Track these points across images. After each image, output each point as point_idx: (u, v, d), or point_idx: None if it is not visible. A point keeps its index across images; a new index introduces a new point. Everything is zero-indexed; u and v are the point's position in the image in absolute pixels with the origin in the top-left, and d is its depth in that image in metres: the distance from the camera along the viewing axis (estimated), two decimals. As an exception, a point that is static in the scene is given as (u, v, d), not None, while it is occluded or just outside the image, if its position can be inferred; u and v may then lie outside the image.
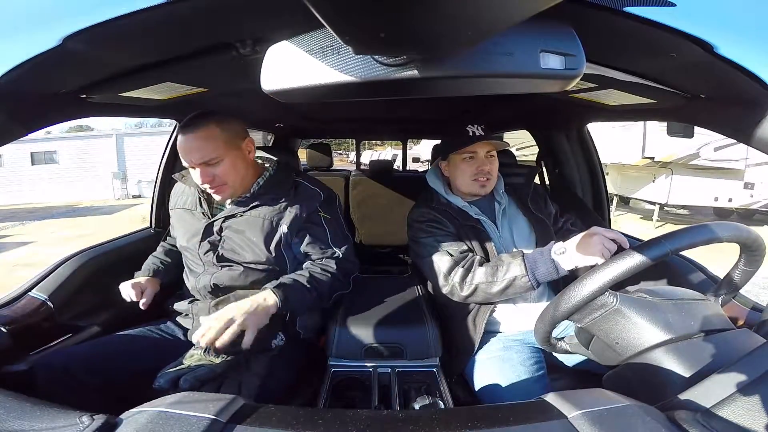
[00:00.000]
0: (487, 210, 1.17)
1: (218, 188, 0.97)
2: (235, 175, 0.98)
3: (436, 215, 1.13)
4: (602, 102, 0.98)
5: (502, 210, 1.17)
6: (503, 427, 0.46)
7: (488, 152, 1.13)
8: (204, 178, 0.94)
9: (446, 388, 0.90)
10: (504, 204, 1.18)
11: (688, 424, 0.44)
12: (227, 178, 0.97)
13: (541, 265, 0.92)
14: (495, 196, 1.19)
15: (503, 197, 1.19)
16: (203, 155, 0.93)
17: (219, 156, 0.94)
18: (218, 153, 0.94)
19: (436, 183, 1.22)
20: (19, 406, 0.46)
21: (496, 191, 1.19)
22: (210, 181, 0.95)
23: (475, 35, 0.37)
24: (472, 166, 1.13)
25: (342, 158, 22.20)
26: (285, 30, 0.47)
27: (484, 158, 1.13)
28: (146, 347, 0.98)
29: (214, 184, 0.96)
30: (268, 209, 1.02)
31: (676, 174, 6.39)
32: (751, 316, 0.91)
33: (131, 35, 0.53)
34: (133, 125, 24.36)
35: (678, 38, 0.49)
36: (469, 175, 1.13)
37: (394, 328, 1.01)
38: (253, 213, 1.02)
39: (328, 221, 1.09)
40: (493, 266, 0.97)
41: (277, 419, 0.47)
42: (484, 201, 1.18)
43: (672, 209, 7.94)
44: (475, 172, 1.12)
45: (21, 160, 14.01)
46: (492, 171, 1.14)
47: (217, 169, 0.95)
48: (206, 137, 0.93)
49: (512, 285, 0.94)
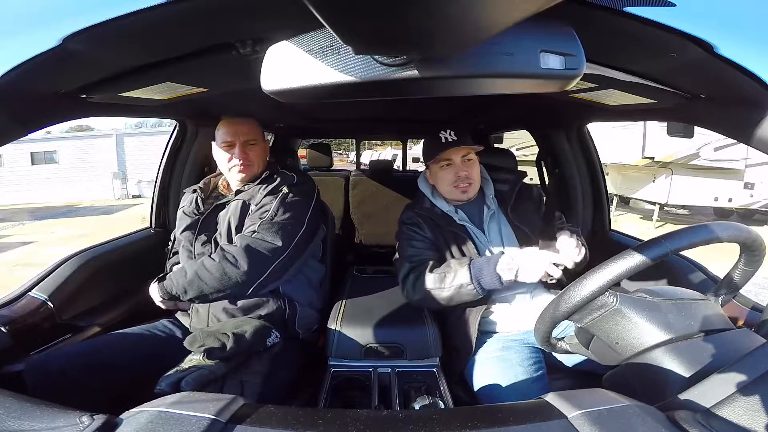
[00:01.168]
0: (474, 214, 1.15)
1: (247, 167, 1.13)
2: (261, 160, 1.17)
3: (417, 219, 1.14)
4: (602, 102, 0.98)
5: (491, 215, 1.15)
6: (503, 427, 0.46)
7: (464, 156, 1.11)
8: (241, 154, 1.11)
9: (446, 388, 0.90)
10: (493, 209, 1.16)
11: (688, 424, 0.44)
12: (256, 160, 1.15)
13: (486, 274, 0.94)
14: (485, 200, 1.17)
15: (493, 202, 1.17)
16: (248, 135, 1.13)
17: (256, 141, 1.15)
18: (257, 138, 1.16)
19: (424, 187, 1.21)
20: (19, 406, 0.46)
21: (485, 195, 1.17)
22: (245, 158, 1.12)
23: (475, 35, 0.37)
24: (450, 173, 1.11)
25: (342, 158, 22.17)
26: (285, 30, 0.47)
27: (461, 164, 1.11)
28: (146, 347, 0.99)
29: (246, 162, 1.12)
30: (247, 194, 1.13)
31: (676, 174, 6.39)
32: (751, 316, 0.91)
33: (131, 35, 0.53)
34: (133, 125, 24.32)
35: (678, 38, 0.49)
36: (448, 183, 1.12)
37: (394, 328, 1.01)
38: (236, 198, 1.13)
39: (283, 199, 1.08)
40: (442, 273, 1.00)
41: (277, 419, 0.47)
42: (471, 205, 1.17)
43: (672, 209, 7.94)
44: (454, 179, 1.11)
45: (21, 160, 14.01)
46: (471, 175, 1.11)
47: (252, 150, 1.14)
48: (251, 124, 1.16)
49: (459, 293, 0.97)
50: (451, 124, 1.18)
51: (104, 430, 0.43)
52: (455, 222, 1.12)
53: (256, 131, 1.16)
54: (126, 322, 1.05)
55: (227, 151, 1.12)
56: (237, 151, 1.11)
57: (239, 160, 1.11)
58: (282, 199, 1.09)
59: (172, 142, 1.52)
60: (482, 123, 2.05)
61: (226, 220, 1.10)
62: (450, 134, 1.09)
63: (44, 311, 0.98)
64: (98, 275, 1.16)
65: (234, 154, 1.11)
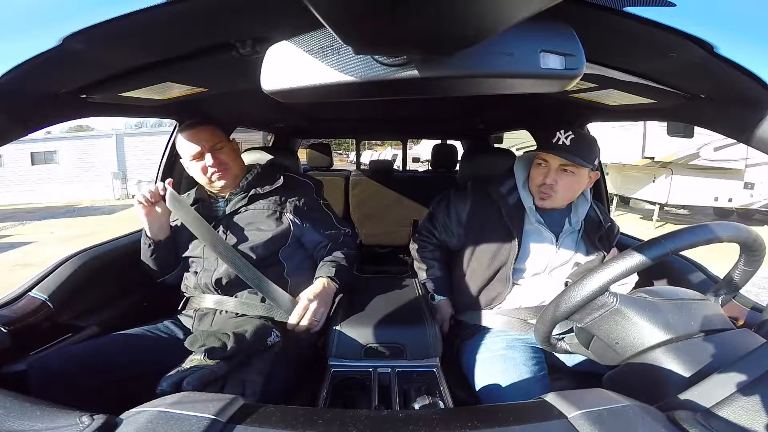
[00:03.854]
0: (555, 222, 1.09)
1: (223, 173, 1.10)
2: (235, 160, 1.14)
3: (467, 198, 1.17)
4: (602, 102, 0.98)
5: (570, 231, 1.09)
6: (503, 427, 0.46)
7: (562, 165, 1.02)
8: (213, 161, 1.08)
9: (446, 388, 0.90)
10: (576, 229, 1.10)
11: (688, 424, 0.44)
12: (230, 163, 1.12)
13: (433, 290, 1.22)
14: (570, 215, 1.10)
15: (580, 224, 1.10)
16: (212, 140, 1.09)
17: (222, 142, 1.12)
18: (222, 140, 1.12)
19: (519, 171, 1.13)
20: (19, 406, 0.46)
21: (574, 213, 1.10)
22: (217, 164, 1.08)
23: (475, 35, 0.37)
24: (540, 174, 1.05)
25: (342, 158, 22.18)
26: (285, 30, 0.47)
27: (554, 170, 1.02)
28: (146, 347, 0.98)
29: (220, 167, 1.09)
30: (269, 201, 1.13)
31: (676, 174, 6.39)
32: (751, 316, 0.91)
33: (131, 35, 0.53)
34: (133, 125, 24.34)
35: (678, 38, 0.49)
36: (536, 183, 1.07)
37: (394, 328, 1.01)
38: (256, 206, 1.12)
39: (327, 206, 1.25)
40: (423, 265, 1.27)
41: (277, 419, 0.47)
42: (558, 213, 1.10)
43: (672, 209, 7.94)
44: (541, 183, 1.04)
45: (21, 160, 14.00)
46: (557, 187, 1.03)
47: (222, 154, 1.10)
48: (209, 129, 1.11)
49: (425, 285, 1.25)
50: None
51: (104, 430, 0.43)
52: (529, 217, 1.08)
53: (219, 134, 1.12)
54: (126, 322, 1.04)
55: (198, 162, 1.09)
56: (209, 159, 1.07)
57: (214, 167, 1.08)
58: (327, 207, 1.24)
59: (172, 142, 1.52)
60: (482, 123, 2.05)
61: (247, 228, 1.09)
62: (566, 138, 0.99)
63: (44, 311, 0.97)
64: (98, 275, 1.16)
65: (207, 162, 1.07)
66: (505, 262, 1.07)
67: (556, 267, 1.08)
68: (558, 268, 1.08)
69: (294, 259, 1.14)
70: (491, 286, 1.10)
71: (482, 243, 1.11)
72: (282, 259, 1.11)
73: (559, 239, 1.07)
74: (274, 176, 1.18)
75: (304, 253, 1.19)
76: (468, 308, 1.15)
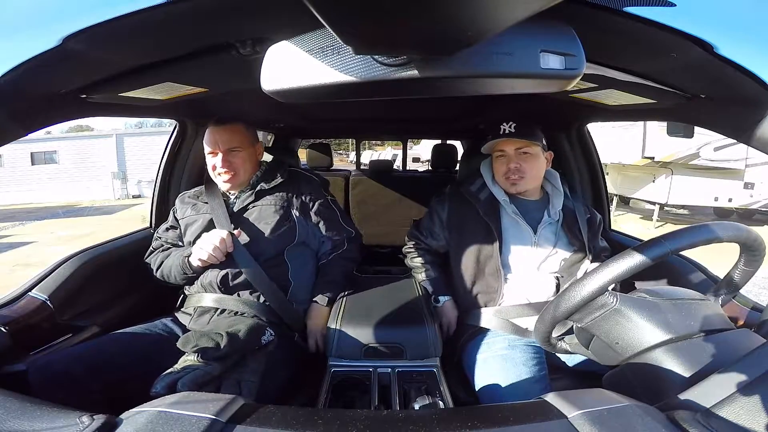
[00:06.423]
0: (532, 214, 1.13)
1: (230, 176, 1.13)
2: (245, 167, 1.16)
3: (445, 199, 1.23)
4: (602, 102, 0.98)
5: (548, 222, 1.13)
6: (503, 427, 0.46)
7: (519, 149, 1.11)
8: (224, 163, 1.11)
9: (446, 388, 0.90)
10: (555, 220, 1.13)
11: (688, 424, 0.44)
12: (239, 168, 1.14)
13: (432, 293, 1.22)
14: (548, 206, 1.14)
15: (558, 215, 1.13)
16: (230, 142, 1.12)
17: (240, 147, 1.14)
18: (241, 144, 1.14)
19: (485, 171, 1.22)
20: (19, 406, 0.46)
21: (551, 205, 1.14)
22: (227, 166, 1.12)
23: (475, 35, 0.37)
24: (503, 164, 1.13)
25: (342, 158, 22.18)
26: (285, 30, 0.47)
27: (513, 155, 1.11)
28: (146, 347, 0.98)
29: (229, 170, 1.12)
30: (276, 197, 1.16)
31: (676, 174, 6.39)
32: (751, 316, 0.91)
33: (131, 35, 0.53)
34: (133, 125, 24.34)
35: (678, 38, 0.49)
36: (501, 173, 1.14)
37: (394, 328, 1.01)
38: (263, 202, 1.15)
39: (334, 201, 1.28)
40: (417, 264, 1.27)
41: (277, 419, 0.47)
42: (533, 204, 1.16)
43: (672, 209, 7.94)
44: (506, 170, 1.12)
45: (21, 160, 14.01)
46: (523, 169, 1.10)
47: (235, 158, 1.13)
48: (234, 131, 1.14)
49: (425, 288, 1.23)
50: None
51: (104, 430, 0.43)
52: (507, 212, 1.13)
53: (241, 137, 1.15)
54: (126, 321, 1.04)
55: (212, 158, 1.14)
56: (219, 160, 1.12)
57: (223, 168, 1.12)
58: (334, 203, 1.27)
59: (172, 142, 1.52)
60: (482, 123, 2.05)
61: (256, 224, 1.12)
62: (510, 126, 1.09)
63: (44, 311, 0.97)
64: (98, 275, 1.16)
65: (217, 163, 1.12)
66: (491, 255, 1.10)
67: (543, 261, 1.10)
68: (544, 262, 1.11)
69: (298, 260, 1.15)
70: (485, 281, 1.12)
71: (467, 241, 1.15)
72: (287, 259, 1.12)
73: (538, 230, 1.12)
74: (279, 172, 1.21)
75: (309, 252, 1.21)
76: (468, 308, 1.16)
